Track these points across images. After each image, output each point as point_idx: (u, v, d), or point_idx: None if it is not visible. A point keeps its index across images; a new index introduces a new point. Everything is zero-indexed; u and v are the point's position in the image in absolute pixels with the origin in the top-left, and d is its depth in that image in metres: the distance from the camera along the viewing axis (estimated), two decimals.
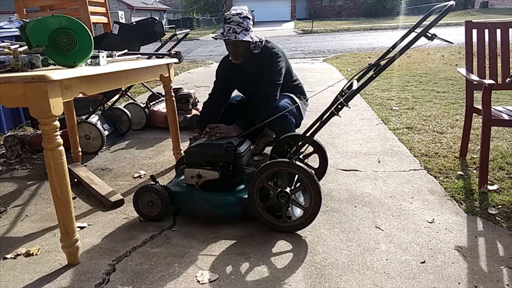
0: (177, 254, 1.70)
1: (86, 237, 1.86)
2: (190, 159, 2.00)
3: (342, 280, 1.49)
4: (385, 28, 20.02)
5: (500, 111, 2.28)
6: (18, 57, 1.65)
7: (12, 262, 1.68)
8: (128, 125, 3.62)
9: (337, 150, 2.93)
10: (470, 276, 1.49)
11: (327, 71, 7.28)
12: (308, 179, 1.73)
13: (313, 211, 1.76)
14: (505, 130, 3.17)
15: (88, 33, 1.72)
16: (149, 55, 2.78)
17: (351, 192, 2.24)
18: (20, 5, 3.76)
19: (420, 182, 2.33)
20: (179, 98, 3.66)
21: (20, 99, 1.41)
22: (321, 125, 1.83)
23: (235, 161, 1.94)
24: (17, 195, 2.40)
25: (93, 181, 2.42)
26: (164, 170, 2.72)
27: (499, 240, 1.72)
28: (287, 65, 2.54)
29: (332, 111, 1.79)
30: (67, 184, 1.53)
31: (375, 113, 3.97)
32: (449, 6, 1.64)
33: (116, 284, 1.51)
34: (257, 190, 1.80)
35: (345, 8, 36.88)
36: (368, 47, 11.91)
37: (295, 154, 1.86)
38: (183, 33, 4.13)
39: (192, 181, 1.97)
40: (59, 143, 1.49)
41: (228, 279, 1.52)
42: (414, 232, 1.80)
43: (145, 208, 1.98)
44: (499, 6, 29.71)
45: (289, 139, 2.25)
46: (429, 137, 3.12)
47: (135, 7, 35.88)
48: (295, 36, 19.50)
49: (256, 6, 34.18)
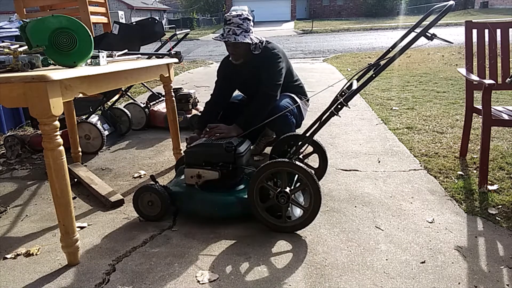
0: (177, 254, 1.70)
1: (86, 237, 1.86)
2: (190, 159, 2.00)
3: (342, 280, 1.49)
4: (385, 28, 20.02)
5: (500, 111, 2.28)
6: (18, 57, 1.65)
7: (12, 262, 1.68)
8: (128, 125, 3.62)
9: (337, 150, 2.93)
10: (470, 276, 1.49)
11: (327, 71, 7.28)
12: (307, 179, 1.73)
13: (313, 211, 1.76)
14: (505, 130, 3.17)
15: (88, 33, 1.72)
16: (149, 55, 2.78)
17: (351, 192, 2.24)
18: (20, 5, 3.76)
19: (420, 182, 2.33)
20: (179, 98, 3.66)
21: (20, 99, 1.41)
22: (321, 125, 1.83)
23: (235, 161, 1.94)
24: (17, 195, 2.40)
25: (93, 181, 2.42)
26: (164, 170, 2.72)
27: (499, 240, 1.72)
28: (287, 65, 2.54)
29: (332, 111, 1.79)
30: (67, 184, 1.53)
31: (375, 113, 3.97)
32: (448, 6, 1.64)
33: (116, 284, 1.51)
34: (257, 190, 1.80)
35: (345, 8, 36.88)
36: (368, 47, 11.91)
37: (295, 154, 1.86)
38: (183, 33, 4.13)
39: (192, 181, 1.97)
40: (59, 143, 1.49)
41: (228, 279, 1.52)
42: (414, 232, 1.80)
43: (145, 208, 1.98)
44: (499, 6, 29.71)
45: (289, 139, 2.25)
46: (429, 137, 3.12)
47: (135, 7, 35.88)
48: (295, 36, 19.49)
49: (256, 6, 34.18)
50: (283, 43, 14.94)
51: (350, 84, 1.93)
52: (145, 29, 3.37)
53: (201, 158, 1.97)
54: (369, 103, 4.43)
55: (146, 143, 3.37)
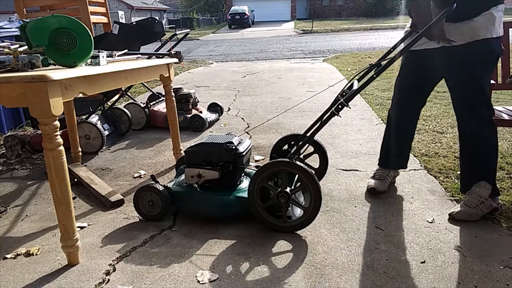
0: (177, 254, 1.69)
1: (86, 237, 1.86)
2: (190, 158, 2.01)
3: (342, 280, 1.49)
4: (385, 28, 20.01)
5: (500, 111, 2.28)
6: (18, 57, 1.65)
7: (12, 262, 1.68)
8: (128, 125, 3.62)
9: (337, 150, 2.93)
10: (470, 276, 1.49)
11: (327, 71, 7.28)
12: (308, 179, 1.73)
13: (313, 211, 1.76)
14: (505, 130, 3.16)
15: (88, 33, 1.72)
16: (149, 55, 2.78)
17: (351, 192, 2.24)
18: (20, 5, 3.76)
19: (420, 182, 2.33)
20: (179, 98, 3.66)
21: (20, 99, 1.41)
22: (321, 125, 1.83)
23: (235, 160, 1.94)
24: (17, 195, 2.40)
25: (93, 181, 2.42)
26: (164, 170, 2.72)
27: (499, 240, 1.72)
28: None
29: (332, 111, 1.79)
30: (67, 184, 1.53)
31: (375, 113, 3.97)
32: (447, 9, 1.65)
33: (116, 284, 1.51)
34: (257, 190, 1.80)
35: (345, 8, 36.88)
36: (368, 47, 11.91)
37: (295, 154, 1.86)
38: (183, 33, 4.13)
39: (192, 180, 1.97)
40: (59, 143, 1.49)
41: (228, 279, 1.52)
42: (414, 232, 1.80)
43: (145, 208, 1.99)
44: None
45: (289, 139, 2.25)
46: (429, 137, 3.12)
47: (135, 7, 35.89)
48: (295, 36, 19.49)
49: (256, 6, 34.21)
50: (283, 43, 14.95)
51: (351, 85, 1.93)
52: (145, 29, 3.37)
53: (201, 158, 1.97)
54: (369, 103, 4.43)
55: (146, 143, 3.37)
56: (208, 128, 3.75)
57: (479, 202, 1.87)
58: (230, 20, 29.40)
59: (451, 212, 1.92)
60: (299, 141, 1.97)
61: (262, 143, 3.17)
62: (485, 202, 1.87)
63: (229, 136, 2.06)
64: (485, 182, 1.90)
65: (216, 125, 3.86)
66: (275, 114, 4.05)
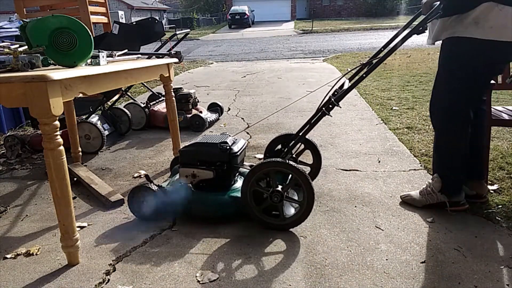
0: (177, 254, 1.70)
1: (86, 237, 1.86)
2: (184, 158, 2.01)
3: (342, 280, 1.49)
4: (385, 28, 20.01)
5: (500, 111, 2.28)
6: (18, 57, 1.65)
7: (12, 262, 1.68)
8: (128, 125, 3.62)
9: (337, 150, 2.93)
10: (470, 276, 1.49)
11: (327, 71, 7.28)
12: (299, 176, 1.74)
13: (308, 205, 1.77)
14: (505, 130, 3.16)
15: (88, 33, 1.72)
16: (149, 55, 2.78)
17: (351, 192, 2.24)
18: (20, 5, 3.76)
19: (420, 182, 2.33)
20: (179, 98, 3.66)
21: (20, 99, 1.41)
22: (312, 125, 1.86)
23: (230, 160, 1.94)
24: (17, 195, 2.40)
25: (93, 181, 2.42)
26: (164, 170, 2.72)
27: (499, 240, 1.72)
28: None
29: (323, 111, 1.80)
30: (67, 184, 1.53)
31: (375, 113, 3.97)
32: (435, 7, 1.70)
33: (116, 284, 1.51)
34: (250, 193, 1.81)
35: (345, 8, 36.88)
36: (368, 47, 11.91)
37: (288, 154, 1.89)
38: (183, 33, 4.13)
39: (187, 180, 1.97)
40: (59, 143, 1.49)
41: (228, 279, 1.52)
42: (414, 232, 1.80)
43: (140, 207, 1.98)
44: None
45: (282, 139, 2.26)
46: (429, 137, 3.12)
47: (135, 7, 35.88)
48: (295, 36, 19.50)
49: (256, 6, 34.20)
50: (283, 43, 14.95)
51: (342, 84, 1.95)
52: (145, 29, 3.37)
53: (196, 158, 1.97)
54: (369, 103, 4.43)
55: (146, 143, 3.37)
56: (208, 128, 3.76)
57: (427, 193, 2.00)
58: (230, 20, 29.41)
59: (402, 195, 2.10)
60: (291, 141, 1.98)
61: (262, 142, 3.17)
62: (433, 194, 1.97)
63: (223, 136, 2.06)
64: (437, 176, 1.97)
65: (216, 125, 3.86)
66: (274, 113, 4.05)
